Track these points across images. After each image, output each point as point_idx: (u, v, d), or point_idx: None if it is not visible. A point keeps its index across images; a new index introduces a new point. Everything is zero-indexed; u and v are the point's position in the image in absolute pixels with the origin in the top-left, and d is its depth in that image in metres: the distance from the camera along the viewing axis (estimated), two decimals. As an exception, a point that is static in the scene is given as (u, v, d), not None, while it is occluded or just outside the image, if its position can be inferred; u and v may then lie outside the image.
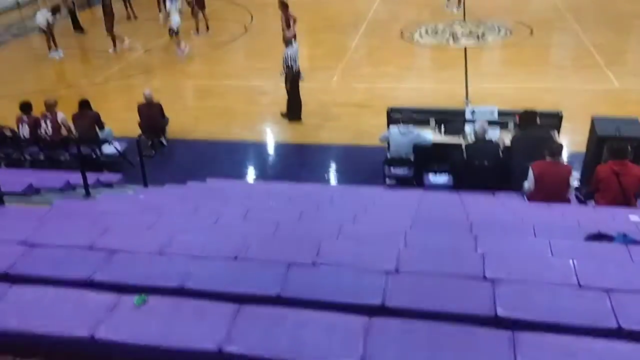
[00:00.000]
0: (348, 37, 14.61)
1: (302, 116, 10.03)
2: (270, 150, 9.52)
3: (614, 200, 5.43)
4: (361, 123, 9.72)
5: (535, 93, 10.26)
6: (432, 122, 7.63)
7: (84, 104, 8.51)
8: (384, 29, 15.08)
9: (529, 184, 5.74)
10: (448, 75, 11.66)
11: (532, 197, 5.77)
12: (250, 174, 8.69)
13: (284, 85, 9.91)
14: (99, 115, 8.53)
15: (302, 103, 10.03)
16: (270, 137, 9.84)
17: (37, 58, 14.54)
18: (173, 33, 13.42)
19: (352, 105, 10.55)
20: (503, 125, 7.29)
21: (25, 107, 8.24)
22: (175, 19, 13.24)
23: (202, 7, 15.04)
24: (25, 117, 8.15)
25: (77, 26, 15.67)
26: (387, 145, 7.44)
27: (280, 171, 8.62)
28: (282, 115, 10.11)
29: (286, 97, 9.98)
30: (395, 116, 7.50)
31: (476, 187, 6.37)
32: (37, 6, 14.25)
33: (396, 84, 11.44)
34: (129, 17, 16.97)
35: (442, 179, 7.07)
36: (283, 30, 11.01)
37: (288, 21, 11.33)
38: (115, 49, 14.14)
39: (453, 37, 13.96)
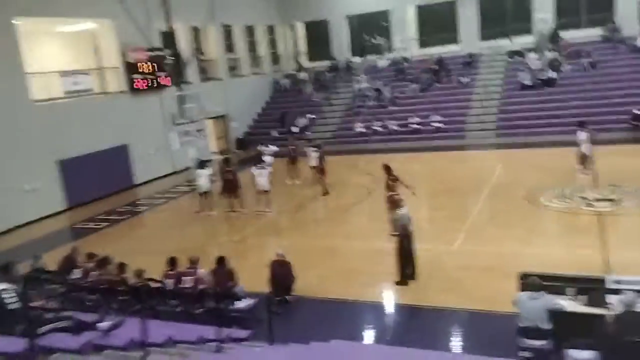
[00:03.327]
0: (471, 201, 14.72)
1: (416, 277, 9.96)
2: (392, 312, 9.37)
3: None
4: (486, 288, 9.37)
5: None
6: (570, 290, 7.17)
7: (221, 260, 9.24)
8: (508, 193, 15.03)
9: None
10: (581, 241, 11.09)
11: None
12: (372, 336, 8.52)
13: (396, 247, 10.02)
14: (234, 272, 9.16)
15: (415, 265, 10.01)
16: (392, 299, 9.74)
17: (185, 218, 16.32)
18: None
19: (477, 269, 10.28)
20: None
21: (172, 262, 9.14)
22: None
23: (323, 173, 16.66)
24: (170, 272, 8.99)
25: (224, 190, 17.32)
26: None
27: (401, 335, 8.39)
28: (396, 283, 10.01)
29: (398, 260, 10.02)
30: (527, 281, 7.18)
31: (628, 367, 5.69)
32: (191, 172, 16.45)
33: (523, 248, 11.07)
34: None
35: (586, 354, 6.41)
36: (388, 191, 11.65)
37: (391, 183, 12.00)
38: (244, 210, 15.74)
39: (584, 202, 13.49)
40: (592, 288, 7.04)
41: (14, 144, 16.74)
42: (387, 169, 12.51)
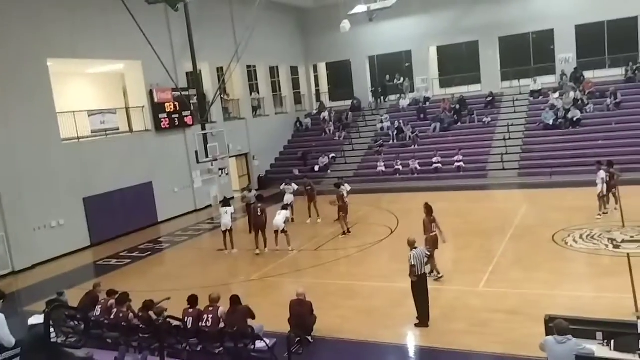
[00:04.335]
0: (495, 241, 14.47)
1: (429, 319, 9.75)
2: (414, 354, 9.14)
3: None
4: (513, 331, 9.08)
5: None
6: (599, 335, 6.92)
7: (234, 300, 9.08)
8: (533, 234, 14.76)
9: None
10: (610, 283, 10.75)
11: None
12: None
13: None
14: (250, 310, 9.00)
15: (430, 307, 9.81)
16: (415, 341, 9.50)
17: (206, 256, 16.34)
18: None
19: (503, 311, 10.00)
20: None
21: (192, 301, 9.08)
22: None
23: (344, 212, 16.71)
24: (190, 310, 8.93)
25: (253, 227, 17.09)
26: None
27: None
28: (416, 325, 9.81)
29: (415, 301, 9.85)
30: (553, 325, 6.94)
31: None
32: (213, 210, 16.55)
33: (550, 290, 10.77)
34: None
35: (618, 404, 6.13)
36: (426, 231, 11.66)
37: (430, 224, 11.82)
38: (265, 249, 15.72)
39: (612, 243, 13.15)
40: (623, 333, 6.78)
41: (42, 181, 17.15)
42: (429, 208, 12.22)
